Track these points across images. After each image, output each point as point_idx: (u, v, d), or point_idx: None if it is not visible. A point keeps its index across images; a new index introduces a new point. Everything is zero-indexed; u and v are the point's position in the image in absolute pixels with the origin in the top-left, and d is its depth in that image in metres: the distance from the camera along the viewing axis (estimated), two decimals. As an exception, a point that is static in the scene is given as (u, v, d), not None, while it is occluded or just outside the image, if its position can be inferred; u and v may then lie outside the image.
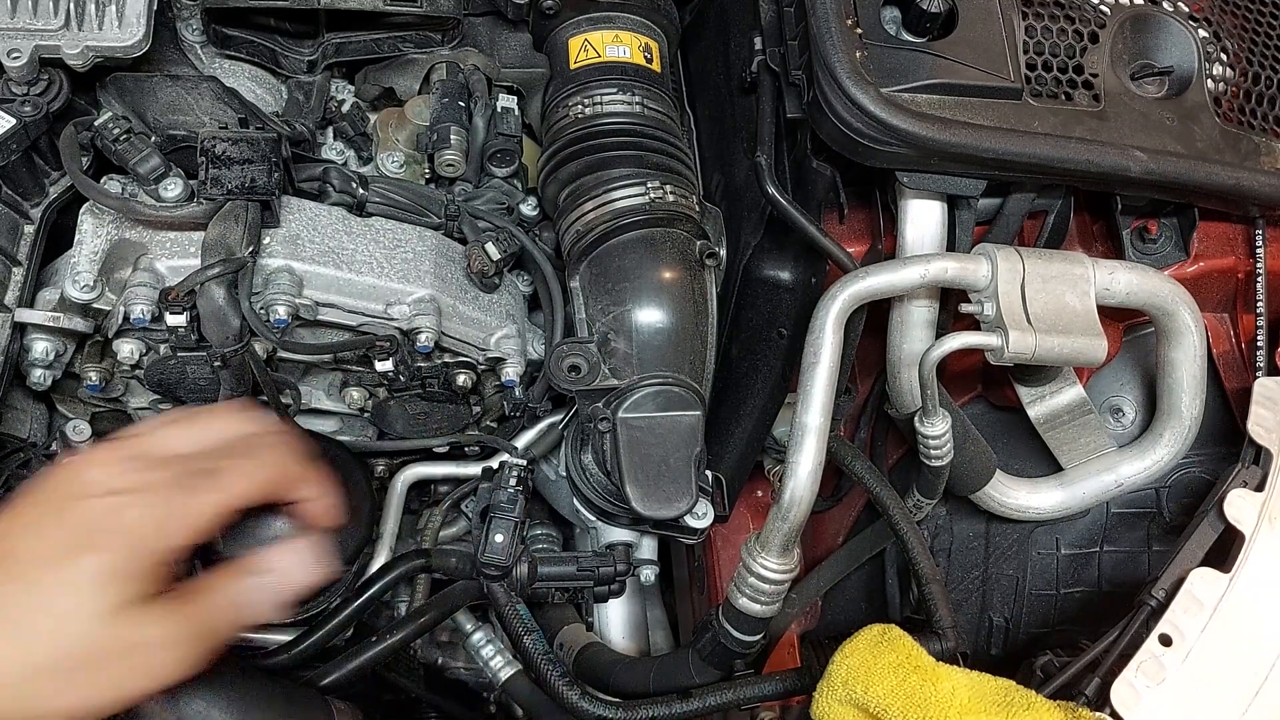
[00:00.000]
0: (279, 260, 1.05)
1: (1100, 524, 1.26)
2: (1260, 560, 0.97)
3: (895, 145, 1.02)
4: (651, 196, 1.10)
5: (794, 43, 1.10)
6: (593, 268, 1.09)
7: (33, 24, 1.03)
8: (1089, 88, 1.08)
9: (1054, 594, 1.27)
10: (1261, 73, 1.16)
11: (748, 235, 1.16)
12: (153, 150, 1.03)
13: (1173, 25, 1.14)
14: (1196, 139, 1.09)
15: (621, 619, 1.32)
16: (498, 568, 1.02)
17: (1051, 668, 1.06)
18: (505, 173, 1.23)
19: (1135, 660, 0.94)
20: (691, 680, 1.07)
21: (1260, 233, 1.17)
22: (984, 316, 1.04)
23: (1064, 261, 1.06)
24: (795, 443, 0.99)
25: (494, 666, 1.20)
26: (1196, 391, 1.11)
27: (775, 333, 1.16)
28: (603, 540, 1.18)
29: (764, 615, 1.02)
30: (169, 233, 1.05)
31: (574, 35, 1.22)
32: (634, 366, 1.05)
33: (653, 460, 1.02)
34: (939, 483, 1.13)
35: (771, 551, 1.00)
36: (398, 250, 1.11)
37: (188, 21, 1.20)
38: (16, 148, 1.03)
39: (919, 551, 1.06)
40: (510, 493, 1.06)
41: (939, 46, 1.05)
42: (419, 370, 1.13)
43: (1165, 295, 1.08)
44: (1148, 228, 1.17)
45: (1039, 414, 1.19)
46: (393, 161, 1.22)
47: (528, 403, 1.21)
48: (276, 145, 1.05)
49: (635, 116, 1.16)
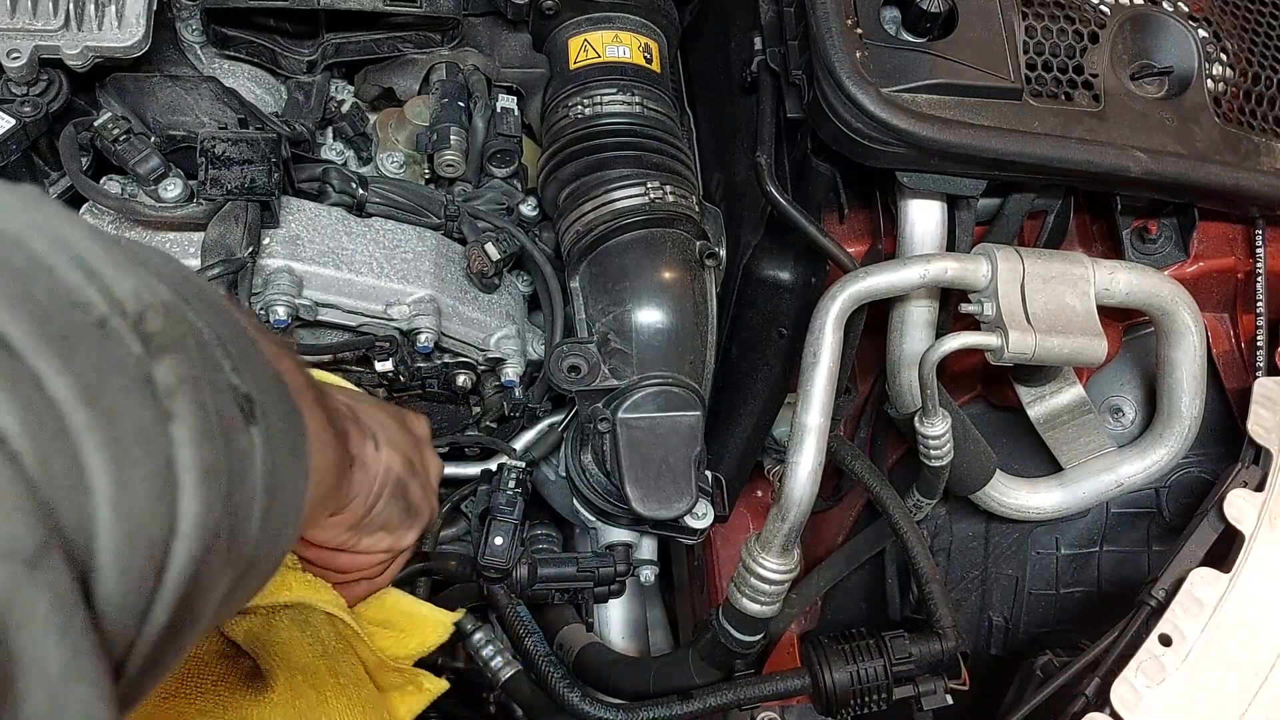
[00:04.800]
0: (279, 261, 1.05)
1: (1100, 524, 1.26)
2: (1260, 560, 0.97)
3: (895, 145, 1.02)
4: (651, 197, 1.10)
5: (794, 43, 1.10)
6: (593, 268, 1.09)
7: (33, 24, 1.03)
8: (1089, 88, 1.08)
9: (1054, 594, 1.27)
10: (1261, 73, 1.16)
11: (748, 235, 1.16)
12: (152, 151, 1.03)
13: (1172, 25, 1.14)
14: (1196, 139, 1.09)
15: (621, 619, 1.32)
16: (497, 570, 1.02)
17: (1051, 668, 1.06)
18: (505, 173, 1.23)
19: (1135, 660, 0.94)
20: (691, 680, 1.07)
21: (1260, 233, 1.17)
22: (984, 316, 1.04)
23: (1064, 261, 1.06)
24: (795, 443, 0.99)
25: (494, 667, 1.20)
26: (1196, 391, 1.11)
27: (775, 333, 1.16)
28: (603, 541, 1.18)
29: (764, 615, 1.02)
30: (169, 233, 1.05)
31: (574, 35, 1.22)
32: (634, 367, 1.04)
33: (653, 460, 1.02)
34: (939, 483, 1.13)
35: (771, 551, 1.00)
36: (397, 250, 1.11)
37: (187, 22, 1.19)
38: (16, 148, 1.03)
39: (919, 551, 1.06)
40: (509, 494, 1.06)
41: (939, 46, 1.05)
42: (419, 370, 1.13)
43: (1165, 295, 1.08)
44: (1148, 228, 1.17)
45: (1039, 414, 1.19)
46: (392, 162, 1.22)
47: (527, 403, 1.21)
48: (276, 145, 1.05)
49: (635, 117, 1.16)
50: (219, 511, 0.40)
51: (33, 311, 0.35)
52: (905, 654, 1.03)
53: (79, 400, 0.34)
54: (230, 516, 0.41)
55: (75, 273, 0.37)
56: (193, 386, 0.39)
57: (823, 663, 1.04)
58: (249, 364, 0.45)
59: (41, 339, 0.34)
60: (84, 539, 0.34)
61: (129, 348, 0.37)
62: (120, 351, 0.37)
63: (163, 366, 0.38)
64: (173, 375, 0.39)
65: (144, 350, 0.38)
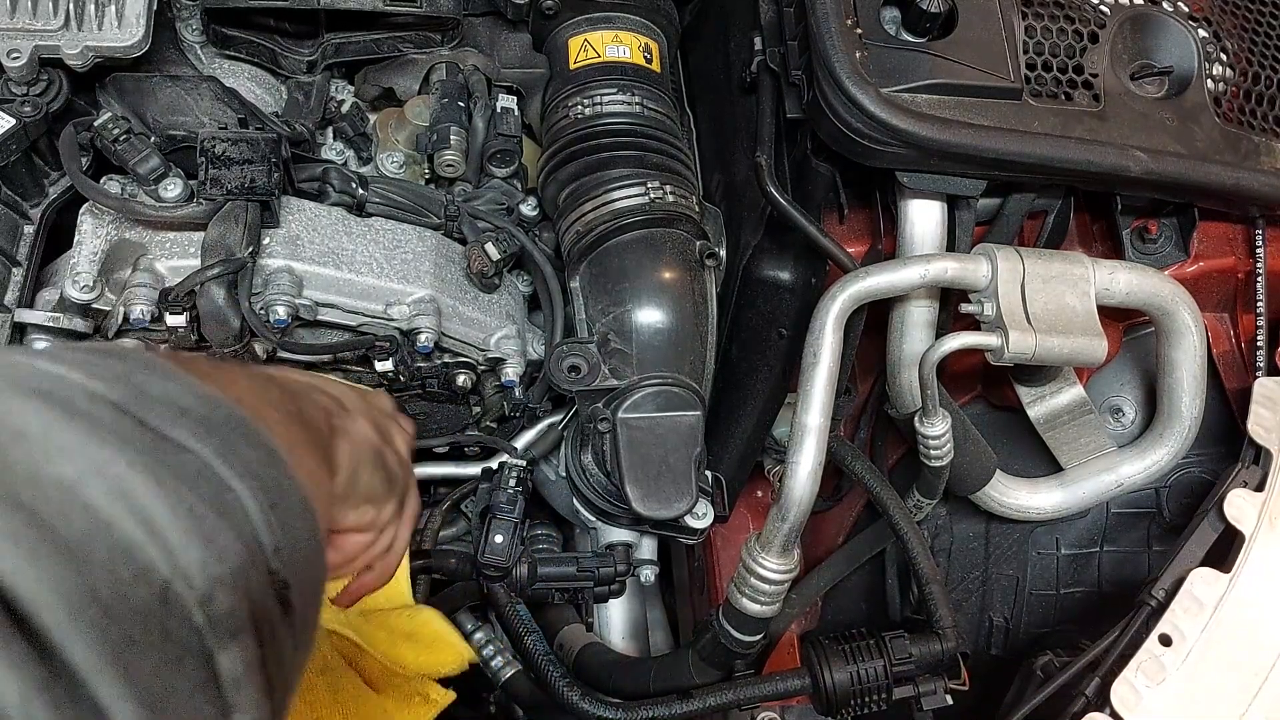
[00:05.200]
0: (279, 260, 1.05)
1: (1100, 524, 1.26)
2: (1260, 560, 0.97)
3: (895, 145, 1.02)
4: (651, 197, 1.10)
5: (794, 43, 1.10)
6: (593, 268, 1.09)
7: (33, 24, 1.03)
8: (1089, 88, 1.08)
9: (1054, 594, 1.27)
10: (1261, 73, 1.16)
11: (748, 235, 1.16)
12: (152, 150, 1.03)
13: (1172, 25, 1.14)
14: (1196, 139, 1.09)
15: (621, 619, 1.32)
16: (497, 569, 1.02)
17: (1051, 668, 1.06)
18: (505, 173, 1.23)
19: (1135, 660, 0.94)
20: (691, 680, 1.07)
21: (1260, 233, 1.17)
22: (984, 316, 1.04)
23: (1064, 261, 1.06)
24: (795, 443, 0.99)
25: (494, 666, 1.20)
26: (1196, 391, 1.11)
27: (775, 333, 1.16)
28: (603, 540, 1.18)
29: (764, 615, 1.02)
30: (169, 233, 1.05)
31: (574, 35, 1.22)
32: (634, 367, 1.04)
33: (653, 460, 1.02)
34: (939, 483, 1.13)
35: (771, 551, 1.00)
36: (397, 250, 1.11)
37: (187, 22, 1.19)
38: (16, 148, 1.03)
39: (919, 551, 1.06)
40: (510, 493, 1.06)
41: (939, 46, 1.05)
42: (419, 370, 1.13)
43: (1165, 295, 1.08)
44: (1148, 228, 1.17)
45: (1039, 414, 1.19)
46: (392, 162, 1.22)
47: (527, 403, 1.21)
48: (276, 145, 1.05)
49: (635, 117, 1.16)
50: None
51: (93, 612, 0.33)
52: (905, 654, 1.03)
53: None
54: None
55: (138, 531, 0.36)
56: (257, 672, 0.38)
57: (823, 663, 1.04)
58: (282, 517, 0.43)
59: (103, 652, 0.33)
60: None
61: (193, 625, 0.36)
62: (184, 634, 0.35)
63: (228, 655, 0.37)
64: (239, 665, 0.37)
65: (211, 633, 0.36)
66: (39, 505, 0.34)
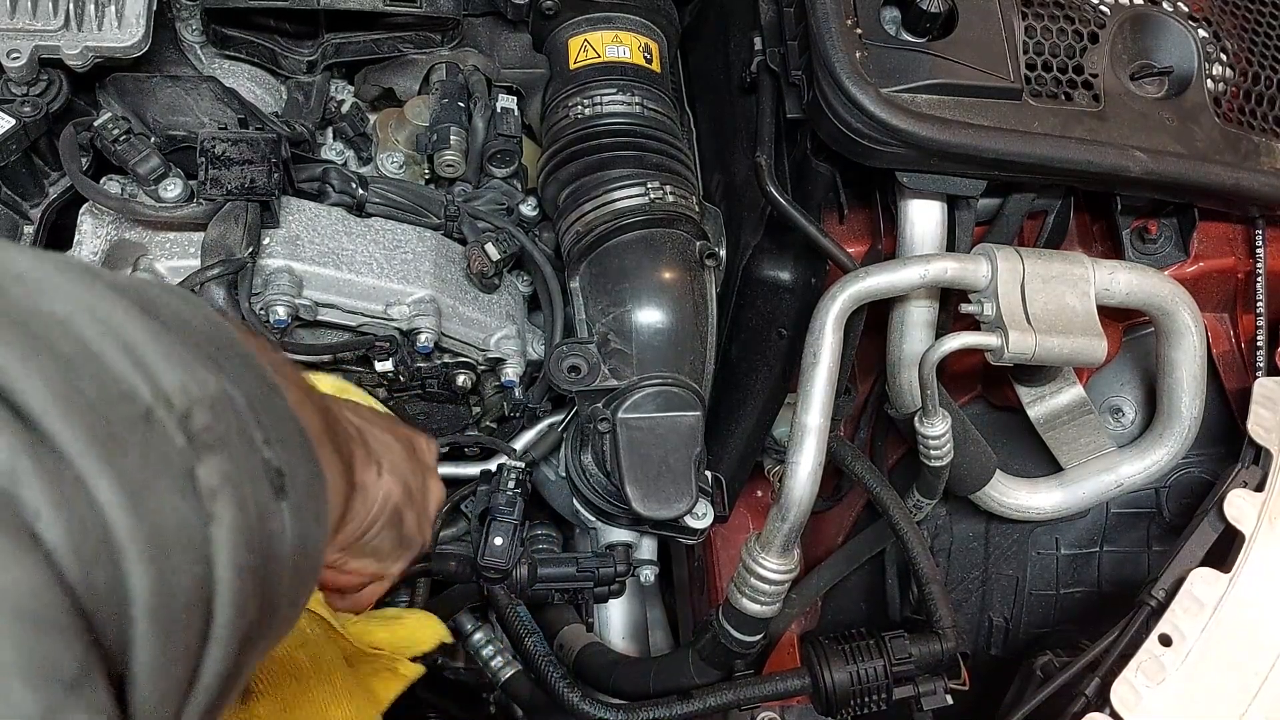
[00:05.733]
0: (279, 261, 1.05)
1: (1100, 524, 1.26)
2: (1260, 560, 0.97)
3: (895, 145, 1.02)
4: (651, 197, 1.10)
5: (794, 43, 1.10)
6: (593, 268, 1.09)
7: (33, 24, 1.03)
8: (1089, 88, 1.08)
9: (1054, 594, 1.27)
10: (1261, 73, 1.16)
11: (748, 235, 1.16)
12: (152, 151, 1.03)
13: (1172, 25, 1.14)
14: (1196, 139, 1.09)
15: (621, 619, 1.32)
16: (497, 570, 1.02)
17: (1051, 668, 1.06)
18: (505, 173, 1.23)
19: (1135, 660, 0.94)
20: (691, 681, 1.07)
21: (1260, 233, 1.17)
22: (984, 317, 1.04)
23: (1064, 261, 1.06)
24: (795, 443, 0.99)
25: (494, 667, 1.20)
26: (1196, 391, 1.11)
27: (775, 333, 1.16)
28: (603, 541, 1.18)
29: (764, 615, 1.02)
30: (169, 233, 1.05)
31: (574, 35, 1.22)
32: (634, 367, 1.04)
33: (653, 460, 1.02)
34: (939, 483, 1.13)
35: (771, 551, 1.00)
36: (397, 251, 1.11)
37: (187, 22, 1.19)
38: (16, 148, 1.03)
39: (919, 551, 1.06)
40: (509, 495, 1.06)
41: (939, 47, 1.05)
42: (419, 371, 1.13)
43: (1165, 295, 1.08)
44: (1148, 228, 1.17)
45: (1039, 414, 1.19)
46: (392, 162, 1.22)
47: (527, 403, 1.21)
48: (276, 145, 1.05)
49: (635, 117, 1.16)
50: (254, 608, 0.40)
51: (81, 406, 0.35)
52: (905, 654, 1.03)
53: (124, 506, 0.34)
54: (263, 607, 0.42)
55: (123, 360, 0.37)
56: (234, 486, 0.39)
57: (823, 663, 1.04)
58: (279, 428, 0.45)
59: (90, 439, 0.34)
60: (121, 651, 0.34)
61: (174, 444, 0.38)
62: (165, 448, 0.37)
63: (206, 466, 0.38)
64: (216, 475, 0.39)
65: (189, 447, 0.38)
66: (34, 328, 0.36)
